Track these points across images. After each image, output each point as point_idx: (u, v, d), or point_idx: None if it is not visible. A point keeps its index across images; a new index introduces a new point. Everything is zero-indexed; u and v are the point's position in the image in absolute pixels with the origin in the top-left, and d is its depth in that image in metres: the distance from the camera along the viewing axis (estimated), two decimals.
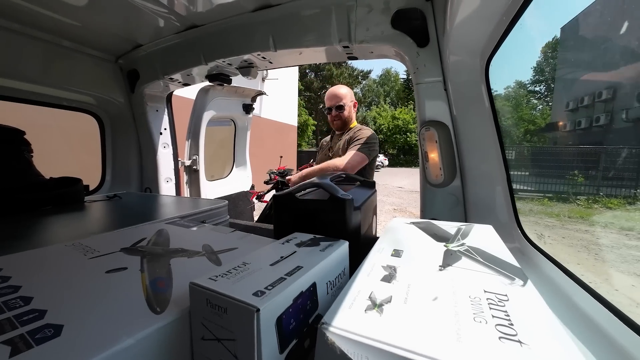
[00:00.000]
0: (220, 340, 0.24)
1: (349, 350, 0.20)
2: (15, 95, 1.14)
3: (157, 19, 1.06)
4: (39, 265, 0.36)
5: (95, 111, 1.44)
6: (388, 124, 24.29)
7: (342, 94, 1.61)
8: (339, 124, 1.66)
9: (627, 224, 2.85)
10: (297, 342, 0.26)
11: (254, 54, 1.09)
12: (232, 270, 0.28)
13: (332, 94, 1.63)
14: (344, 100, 1.62)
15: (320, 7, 0.94)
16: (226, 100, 1.98)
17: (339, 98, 1.60)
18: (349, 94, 1.64)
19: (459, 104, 0.85)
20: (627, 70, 5.29)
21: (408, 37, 0.87)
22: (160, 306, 0.27)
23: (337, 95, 1.61)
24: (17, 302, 0.27)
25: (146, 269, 0.34)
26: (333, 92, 1.63)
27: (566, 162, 5.17)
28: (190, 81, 1.39)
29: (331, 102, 1.62)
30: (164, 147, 1.54)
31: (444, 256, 0.35)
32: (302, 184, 0.54)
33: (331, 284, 0.32)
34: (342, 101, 1.61)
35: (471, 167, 0.88)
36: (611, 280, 1.74)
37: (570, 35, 6.86)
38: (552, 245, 2.59)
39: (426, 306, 0.24)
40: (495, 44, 0.67)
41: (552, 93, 10.91)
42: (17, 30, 1.03)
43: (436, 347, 0.19)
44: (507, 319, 0.22)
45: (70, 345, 0.21)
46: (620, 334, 0.40)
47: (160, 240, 0.45)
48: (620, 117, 4.77)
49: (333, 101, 1.61)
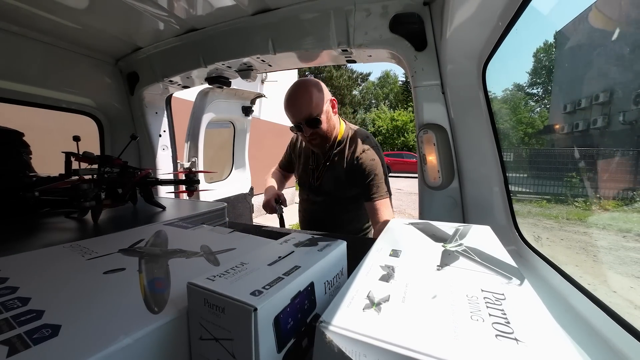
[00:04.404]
0: (218, 340, 0.24)
1: (347, 348, 0.20)
2: (15, 98, 1.14)
3: (157, 22, 1.07)
4: (37, 267, 0.36)
5: (95, 113, 1.44)
6: (387, 126, 24.42)
7: (312, 99, 1.00)
8: (319, 143, 1.07)
9: (625, 225, 2.86)
10: (295, 342, 0.26)
11: (253, 57, 1.09)
12: (230, 270, 0.28)
13: (296, 103, 1.01)
14: (316, 108, 1.00)
15: (319, 11, 0.95)
16: (225, 103, 1.98)
17: (309, 106, 1.00)
18: (320, 93, 1.02)
19: (456, 107, 0.86)
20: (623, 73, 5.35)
21: (406, 41, 0.88)
22: (158, 306, 0.27)
23: (304, 103, 1.00)
24: (14, 302, 0.27)
25: (144, 270, 0.34)
26: (296, 100, 1.01)
27: (564, 164, 5.19)
28: (190, 84, 1.40)
29: (298, 115, 1.01)
30: (163, 149, 1.54)
31: (442, 256, 0.35)
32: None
33: (329, 283, 0.33)
34: (315, 110, 1.00)
35: (469, 169, 0.88)
36: (609, 282, 1.74)
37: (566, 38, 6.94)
38: (550, 247, 2.60)
39: (424, 305, 0.24)
40: (492, 47, 0.68)
41: (549, 96, 11.00)
42: (17, 33, 1.04)
43: (433, 344, 0.19)
44: (504, 317, 0.22)
45: (67, 344, 0.21)
46: (616, 336, 0.40)
47: (159, 241, 0.45)
48: (617, 119, 4.81)
49: (301, 114, 1.01)
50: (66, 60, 1.21)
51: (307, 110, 1.00)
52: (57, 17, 1.00)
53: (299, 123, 1.03)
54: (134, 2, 0.92)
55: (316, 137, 1.06)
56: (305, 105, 1.00)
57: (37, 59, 1.12)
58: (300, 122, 1.02)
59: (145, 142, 1.50)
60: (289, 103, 1.03)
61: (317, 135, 1.05)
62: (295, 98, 1.02)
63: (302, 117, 1.01)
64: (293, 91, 1.03)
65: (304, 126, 1.02)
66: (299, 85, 1.04)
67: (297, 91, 1.02)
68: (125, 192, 0.76)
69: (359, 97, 24.66)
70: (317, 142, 1.08)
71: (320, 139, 1.07)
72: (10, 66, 1.06)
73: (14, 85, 1.10)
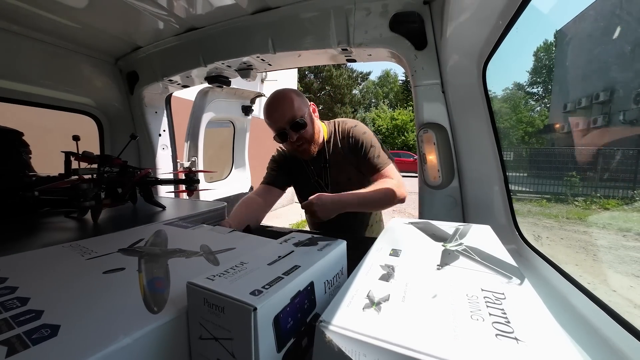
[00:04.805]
0: (218, 340, 0.24)
1: (347, 347, 0.20)
2: (14, 97, 1.14)
3: (157, 21, 1.07)
4: (36, 267, 0.36)
5: (95, 113, 1.44)
6: (387, 125, 24.44)
7: (293, 102, 0.97)
8: (307, 148, 1.02)
9: (624, 224, 2.86)
10: (295, 341, 0.26)
11: (253, 56, 1.09)
12: (230, 269, 0.28)
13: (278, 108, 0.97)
14: (299, 110, 0.98)
15: (319, 9, 0.95)
16: (225, 102, 1.98)
17: (291, 109, 0.97)
18: (299, 97, 1.01)
19: (456, 107, 0.86)
20: (624, 72, 5.34)
21: (406, 40, 0.88)
22: (158, 306, 0.27)
23: (286, 107, 0.97)
24: (13, 302, 0.27)
25: (144, 269, 0.34)
26: (278, 106, 0.98)
27: (564, 163, 5.20)
28: (190, 83, 1.40)
29: (282, 120, 0.97)
30: (163, 149, 1.54)
31: (442, 255, 0.35)
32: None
33: (329, 283, 0.33)
34: (297, 113, 0.97)
35: (469, 169, 0.88)
36: (609, 281, 1.75)
37: (566, 37, 6.93)
38: (550, 246, 2.60)
39: (424, 304, 0.24)
40: (493, 46, 0.67)
41: (549, 94, 10.99)
42: (16, 32, 1.04)
43: (433, 344, 0.19)
44: (504, 316, 0.22)
45: (67, 344, 0.21)
46: (616, 335, 0.40)
47: (158, 240, 0.45)
48: (617, 118, 4.81)
49: (284, 118, 0.97)
50: (66, 60, 1.21)
51: (290, 113, 0.97)
52: (56, 16, 1.00)
53: (283, 129, 0.98)
54: (133, 1, 0.91)
55: (303, 142, 1.01)
56: (288, 109, 0.97)
57: (37, 58, 1.12)
58: (284, 127, 0.98)
59: (145, 142, 1.50)
60: (270, 109, 0.99)
61: (303, 139, 1.00)
62: (277, 104, 0.98)
63: (285, 121, 0.97)
64: (273, 99, 1.00)
65: (289, 131, 0.98)
66: (277, 93, 1.01)
67: (277, 98, 0.99)
68: (125, 191, 0.76)
69: (359, 97, 24.63)
70: (305, 147, 1.02)
71: (307, 143, 1.02)
72: (10, 65, 1.06)
73: (13, 84, 1.10)
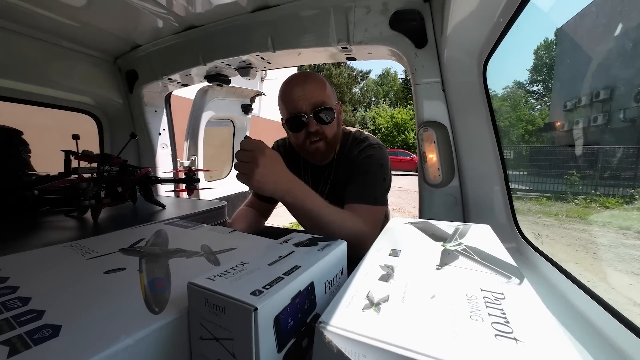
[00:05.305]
0: (219, 340, 0.24)
1: (346, 348, 0.20)
2: (13, 96, 1.14)
3: (156, 20, 1.06)
4: (38, 266, 0.36)
5: (94, 112, 1.44)
6: (387, 124, 24.42)
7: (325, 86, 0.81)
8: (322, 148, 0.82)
9: (624, 223, 2.87)
10: (295, 341, 0.26)
11: (252, 55, 1.09)
12: (230, 270, 0.28)
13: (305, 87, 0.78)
14: (329, 98, 0.81)
15: (319, 8, 0.94)
16: (225, 101, 1.98)
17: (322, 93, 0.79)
18: (332, 87, 0.85)
19: (456, 105, 0.85)
20: (624, 70, 5.33)
21: (406, 38, 0.88)
22: (159, 306, 0.27)
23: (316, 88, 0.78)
24: (15, 302, 0.27)
25: (144, 269, 0.34)
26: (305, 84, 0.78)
27: (564, 161, 5.20)
28: (189, 82, 1.39)
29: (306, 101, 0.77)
30: (163, 148, 1.54)
31: (442, 255, 0.35)
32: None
33: (329, 283, 0.33)
34: (328, 100, 0.80)
35: (469, 167, 0.88)
36: (609, 279, 1.75)
37: (567, 36, 6.91)
38: (550, 245, 2.60)
39: (423, 305, 0.24)
40: (493, 44, 0.67)
41: (549, 93, 10.97)
42: (15, 31, 1.03)
43: (433, 344, 0.19)
44: (504, 316, 0.22)
45: (68, 345, 0.21)
46: (616, 333, 0.40)
47: (159, 240, 0.45)
48: (618, 117, 4.80)
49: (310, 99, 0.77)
50: (65, 58, 1.20)
51: (319, 97, 0.77)
52: (55, 14, 0.99)
53: (304, 113, 0.76)
54: None
55: (320, 138, 0.80)
56: (318, 91, 0.77)
57: (36, 57, 1.12)
58: (304, 111, 0.76)
59: (144, 141, 1.49)
60: (294, 86, 0.78)
61: (322, 135, 0.79)
62: (304, 81, 0.78)
63: (309, 104, 0.76)
64: (299, 75, 0.79)
65: (310, 118, 0.76)
66: (307, 73, 0.82)
67: (305, 75, 0.79)
68: (125, 190, 0.76)
69: (359, 95, 24.57)
70: (320, 145, 0.81)
71: (325, 143, 0.81)
72: (9, 64, 1.05)
73: (12, 83, 1.10)
